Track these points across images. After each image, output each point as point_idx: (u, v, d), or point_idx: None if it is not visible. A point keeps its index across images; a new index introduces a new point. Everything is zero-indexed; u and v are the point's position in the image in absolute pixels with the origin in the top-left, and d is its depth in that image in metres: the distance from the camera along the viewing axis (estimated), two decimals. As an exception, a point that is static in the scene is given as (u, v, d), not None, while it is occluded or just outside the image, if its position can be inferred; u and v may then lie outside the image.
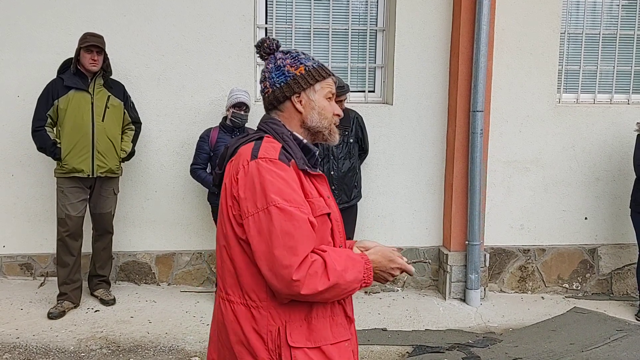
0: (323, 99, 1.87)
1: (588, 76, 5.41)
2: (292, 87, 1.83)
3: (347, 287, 1.70)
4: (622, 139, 5.26)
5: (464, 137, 4.91)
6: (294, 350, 1.72)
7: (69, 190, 4.43)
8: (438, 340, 4.27)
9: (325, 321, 1.78)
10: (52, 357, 3.87)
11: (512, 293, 5.33)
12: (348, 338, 1.84)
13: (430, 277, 5.28)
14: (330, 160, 4.60)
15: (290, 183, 1.70)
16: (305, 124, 1.86)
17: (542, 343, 4.21)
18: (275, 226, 1.64)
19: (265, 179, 1.69)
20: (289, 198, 1.67)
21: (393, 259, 1.82)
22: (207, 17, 4.84)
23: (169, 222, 5.02)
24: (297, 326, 1.74)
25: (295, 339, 1.73)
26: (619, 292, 5.44)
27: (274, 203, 1.66)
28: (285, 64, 1.85)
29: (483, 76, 4.78)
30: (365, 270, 1.73)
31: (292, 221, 1.65)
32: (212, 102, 4.91)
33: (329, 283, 1.65)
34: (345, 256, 1.72)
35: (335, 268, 1.66)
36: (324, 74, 1.86)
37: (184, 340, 4.16)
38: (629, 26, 5.37)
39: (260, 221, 1.66)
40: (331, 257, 1.68)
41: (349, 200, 4.71)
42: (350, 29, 5.12)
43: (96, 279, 4.71)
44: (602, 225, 5.38)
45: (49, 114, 4.38)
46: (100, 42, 4.36)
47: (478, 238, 4.94)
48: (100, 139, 4.39)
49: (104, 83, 4.46)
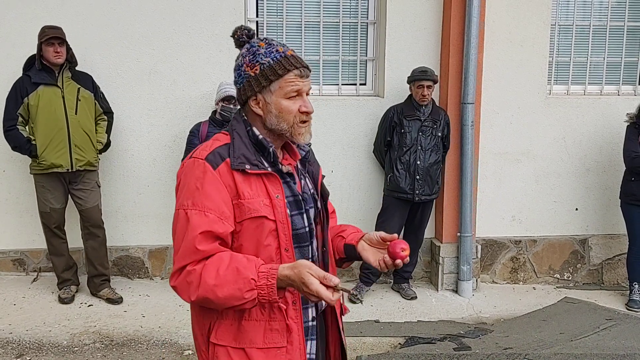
0: (282, 99, 1.73)
1: (578, 68, 5.43)
2: (246, 90, 1.76)
3: (220, 303, 1.63)
4: (612, 130, 5.29)
5: (455, 129, 4.93)
6: (216, 347, 1.76)
7: (50, 184, 4.42)
8: (430, 331, 4.30)
9: (258, 324, 1.74)
10: (45, 352, 3.88)
11: (503, 284, 5.37)
12: (282, 345, 1.75)
13: (422, 268, 5.31)
14: (417, 150, 4.68)
15: (205, 186, 1.68)
16: (266, 126, 1.78)
17: (533, 333, 4.25)
18: (178, 229, 1.71)
19: (184, 180, 1.73)
20: (197, 202, 1.67)
21: (307, 283, 1.57)
22: (197, 11, 4.82)
23: (162, 216, 5.02)
24: (227, 324, 1.75)
25: (220, 336, 1.76)
26: (609, 282, 5.49)
27: (182, 207, 1.70)
28: (243, 62, 1.77)
29: (474, 68, 4.79)
30: (258, 287, 1.59)
31: (187, 229, 1.67)
32: (204, 96, 4.90)
33: (198, 295, 1.64)
34: (232, 270, 1.61)
35: (207, 282, 1.62)
36: (281, 71, 1.71)
37: (177, 334, 4.17)
38: (619, 18, 5.38)
39: (174, 219, 1.74)
40: (210, 270, 1.62)
41: (431, 194, 4.78)
42: (342, 21, 5.12)
43: (98, 279, 4.66)
44: (592, 216, 5.42)
45: (19, 113, 4.34)
46: (60, 33, 4.31)
47: (470, 230, 4.97)
48: (76, 132, 4.37)
49: (72, 75, 4.42)
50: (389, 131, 4.81)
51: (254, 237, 1.72)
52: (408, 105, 4.77)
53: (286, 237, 1.75)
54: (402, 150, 4.72)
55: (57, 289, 4.66)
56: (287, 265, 1.62)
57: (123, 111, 4.84)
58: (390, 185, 4.81)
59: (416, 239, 4.92)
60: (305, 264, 1.60)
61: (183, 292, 1.68)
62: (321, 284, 1.57)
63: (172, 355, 3.90)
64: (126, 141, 4.88)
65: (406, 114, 4.73)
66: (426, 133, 4.70)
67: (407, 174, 4.71)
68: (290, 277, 1.60)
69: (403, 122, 4.71)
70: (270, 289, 1.60)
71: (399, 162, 4.73)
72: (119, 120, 4.81)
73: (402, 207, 4.80)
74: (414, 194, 4.69)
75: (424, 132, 4.70)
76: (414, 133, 4.70)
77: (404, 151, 4.71)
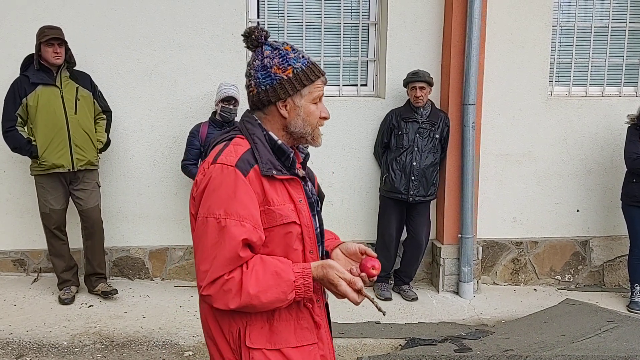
0: (310, 103, 1.77)
1: (580, 69, 5.42)
2: (277, 92, 1.74)
3: (264, 307, 1.67)
4: (613, 132, 5.28)
5: (456, 130, 4.92)
6: (252, 352, 1.74)
7: (50, 185, 4.42)
8: (431, 332, 4.29)
9: (289, 324, 1.77)
10: (45, 352, 3.88)
11: (504, 285, 5.36)
12: (314, 342, 1.81)
13: (423, 270, 5.30)
14: (414, 152, 4.71)
15: (238, 195, 1.65)
16: (288, 129, 1.79)
17: (534, 334, 4.24)
18: (208, 237, 1.66)
19: (214, 187, 1.68)
20: (231, 211, 1.65)
21: (336, 284, 1.70)
22: (198, 12, 4.82)
23: (162, 217, 5.02)
24: (258, 327, 1.75)
25: (254, 340, 1.75)
26: (610, 284, 5.48)
27: (213, 215, 1.66)
28: (272, 64, 1.74)
29: (475, 69, 4.79)
30: (296, 288, 1.67)
31: (223, 237, 1.64)
32: (205, 97, 4.90)
33: (240, 303, 1.65)
34: (272, 274, 1.66)
35: (248, 292, 1.63)
36: (312, 77, 1.75)
37: (177, 334, 4.17)
38: (621, 19, 5.38)
39: (200, 227, 1.69)
40: (250, 277, 1.64)
41: (425, 195, 4.79)
42: (343, 22, 5.11)
43: (94, 277, 4.68)
44: (593, 218, 5.41)
45: (18, 114, 4.33)
46: (60, 33, 4.30)
47: (471, 231, 4.97)
48: (76, 131, 4.36)
49: (70, 75, 4.41)
50: (387, 134, 4.87)
51: (283, 243, 1.74)
52: (406, 108, 4.83)
53: (311, 240, 1.80)
54: (399, 151, 4.76)
55: (57, 289, 4.65)
56: (317, 265, 1.72)
57: (124, 112, 4.84)
58: (385, 185, 4.85)
59: (417, 243, 4.90)
60: (333, 265, 1.71)
61: (219, 301, 1.65)
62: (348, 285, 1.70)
63: (173, 356, 3.89)
64: (127, 142, 4.88)
65: (404, 116, 4.78)
66: (423, 135, 4.73)
67: (402, 175, 4.73)
68: (320, 277, 1.71)
69: (401, 124, 4.76)
70: (307, 287, 1.69)
71: (395, 162, 4.76)
72: (119, 120, 4.81)
73: (398, 208, 4.83)
74: (409, 194, 4.71)
75: (421, 134, 4.73)
76: (411, 135, 4.73)
77: (401, 152, 4.75)
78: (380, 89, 5.15)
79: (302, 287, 1.68)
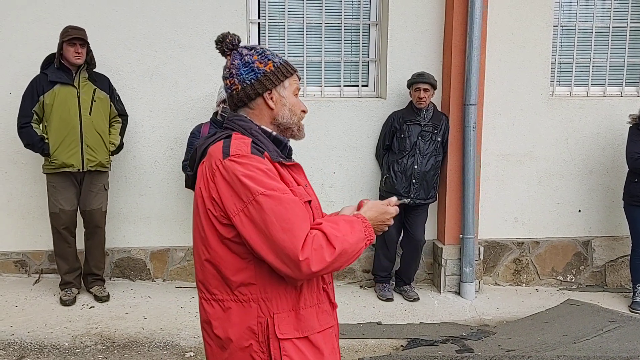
0: (292, 95, 1.87)
1: (581, 69, 5.41)
2: (263, 84, 1.82)
3: (354, 250, 1.72)
4: (615, 132, 5.27)
5: (458, 130, 4.92)
6: (282, 342, 1.74)
7: (61, 185, 4.42)
8: (432, 333, 4.29)
9: (312, 310, 1.81)
10: (46, 353, 3.88)
11: (506, 286, 5.35)
12: (332, 325, 1.88)
13: (425, 270, 5.30)
14: (416, 155, 4.70)
15: (268, 173, 1.70)
16: (276, 120, 1.86)
17: (535, 335, 4.23)
18: (268, 214, 1.64)
19: (243, 174, 1.68)
20: (271, 187, 1.67)
21: (386, 211, 1.89)
22: (199, 12, 4.82)
23: (164, 217, 5.02)
24: (285, 317, 1.76)
25: (283, 330, 1.74)
26: (612, 284, 5.47)
27: (260, 192, 1.66)
28: (253, 60, 1.83)
29: (476, 69, 4.78)
30: (365, 228, 1.77)
31: (282, 205, 1.65)
32: (206, 98, 4.90)
33: (335, 252, 1.66)
34: (342, 222, 1.74)
35: (336, 235, 1.68)
36: (291, 70, 1.87)
37: (178, 335, 4.17)
38: (622, 19, 5.37)
39: (252, 213, 1.66)
40: (329, 227, 1.69)
41: (426, 198, 4.80)
42: (344, 23, 5.11)
43: (91, 277, 4.70)
44: (595, 218, 5.40)
45: (34, 110, 4.35)
46: (83, 34, 4.32)
47: (472, 231, 4.96)
48: (89, 132, 4.37)
49: (89, 76, 4.43)
50: (388, 136, 4.87)
51: None
52: (409, 110, 4.82)
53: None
54: (401, 154, 4.76)
55: (59, 290, 4.65)
56: (364, 209, 1.87)
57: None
58: (385, 186, 4.85)
59: (414, 244, 4.89)
60: (373, 204, 1.89)
61: (316, 260, 1.64)
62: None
63: (174, 357, 3.89)
64: (128, 143, 4.87)
65: (406, 118, 4.77)
66: (426, 138, 4.73)
67: (403, 177, 4.73)
68: (372, 217, 1.84)
69: (403, 127, 4.75)
70: (369, 229, 1.79)
71: (397, 164, 4.75)
72: (120, 121, 4.81)
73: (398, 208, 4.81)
74: (408, 197, 4.70)
75: (424, 137, 4.72)
76: (414, 137, 4.72)
77: (403, 155, 4.74)
78: (382, 89, 5.15)
79: (368, 228, 1.78)
